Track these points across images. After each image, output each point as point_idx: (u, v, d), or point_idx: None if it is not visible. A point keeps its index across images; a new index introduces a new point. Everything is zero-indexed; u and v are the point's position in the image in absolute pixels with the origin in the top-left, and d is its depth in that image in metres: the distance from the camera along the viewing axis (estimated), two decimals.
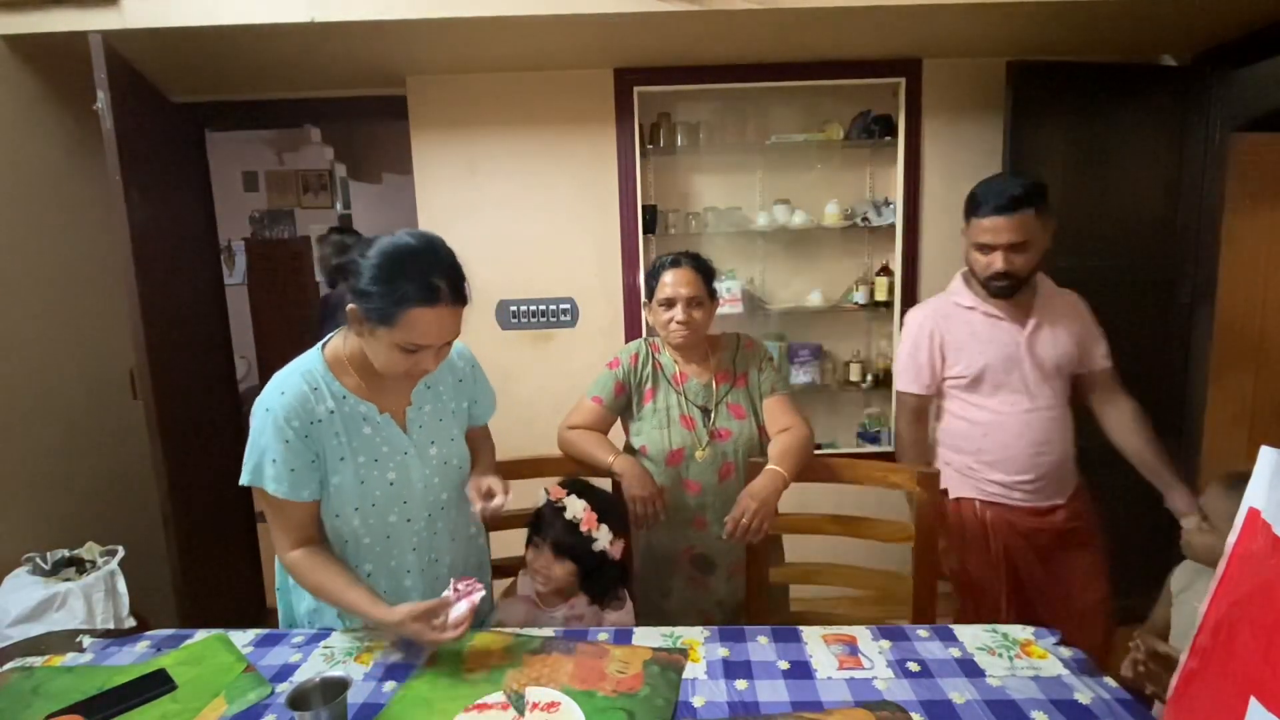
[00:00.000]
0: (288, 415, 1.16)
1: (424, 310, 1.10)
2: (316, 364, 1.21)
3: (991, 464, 1.70)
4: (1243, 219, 2.55)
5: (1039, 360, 1.66)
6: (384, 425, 1.24)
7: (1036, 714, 1.01)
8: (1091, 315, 1.74)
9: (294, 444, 1.16)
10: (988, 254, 1.61)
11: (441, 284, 1.11)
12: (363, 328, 1.15)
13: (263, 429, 1.16)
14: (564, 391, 1.78)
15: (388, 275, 1.10)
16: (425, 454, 1.28)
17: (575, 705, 1.02)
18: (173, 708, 1.06)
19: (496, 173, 2.63)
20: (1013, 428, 1.67)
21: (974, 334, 1.68)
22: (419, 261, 1.11)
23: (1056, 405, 1.69)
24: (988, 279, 1.63)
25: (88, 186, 2.26)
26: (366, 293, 1.10)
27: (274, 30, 2.01)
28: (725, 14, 2.01)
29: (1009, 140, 2.34)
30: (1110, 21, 2.19)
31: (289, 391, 1.17)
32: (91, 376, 2.27)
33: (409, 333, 1.11)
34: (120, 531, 2.11)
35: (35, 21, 1.96)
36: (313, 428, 1.18)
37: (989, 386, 1.68)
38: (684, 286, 1.62)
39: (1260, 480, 0.74)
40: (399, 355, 1.14)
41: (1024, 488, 1.69)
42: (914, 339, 1.75)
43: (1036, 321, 1.67)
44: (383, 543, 1.25)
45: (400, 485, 1.24)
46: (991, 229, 1.57)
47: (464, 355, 1.40)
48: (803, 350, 2.76)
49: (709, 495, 1.65)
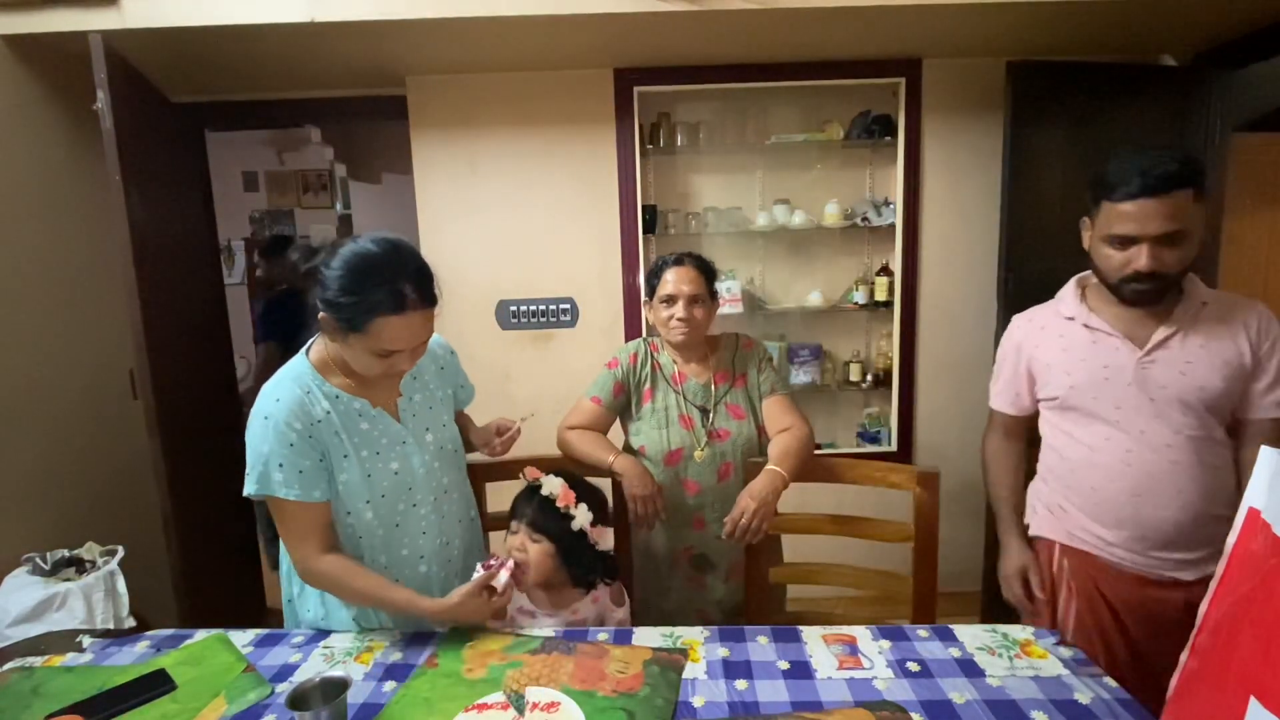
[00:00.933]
0: (288, 418, 1.17)
1: (393, 319, 1.11)
2: (305, 369, 1.23)
3: (1080, 507, 1.39)
4: (1243, 219, 2.55)
5: (1155, 388, 1.29)
6: (379, 419, 1.26)
7: (1036, 714, 1.01)
8: (1275, 341, 1.31)
9: (299, 445, 1.17)
10: (1127, 248, 1.25)
11: (408, 290, 1.11)
12: (335, 335, 1.17)
13: (264, 437, 1.16)
14: (564, 391, 1.79)
15: (354, 286, 1.10)
16: (422, 441, 1.31)
17: (575, 705, 1.02)
18: (173, 708, 1.06)
19: (496, 172, 2.63)
20: (1107, 467, 1.33)
21: (1066, 350, 1.38)
22: (384, 270, 1.11)
23: (1183, 449, 1.28)
24: (1124, 280, 1.27)
25: (87, 186, 2.26)
26: (335, 304, 1.11)
27: (274, 30, 2.01)
28: (725, 14, 2.01)
29: (1009, 140, 2.34)
30: (1110, 21, 2.19)
31: (284, 397, 1.18)
32: (91, 376, 2.27)
33: (380, 340, 1.13)
34: (120, 531, 2.11)
35: (35, 21, 1.96)
36: (314, 428, 1.19)
37: (1080, 414, 1.37)
38: (685, 284, 1.62)
39: (1260, 480, 0.74)
40: (374, 359, 1.16)
41: (1129, 546, 1.33)
42: (1002, 351, 1.53)
43: (1166, 338, 1.30)
44: (394, 532, 1.27)
45: (404, 474, 1.27)
46: (1137, 215, 1.22)
47: (441, 344, 1.44)
48: (803, 350, 2.77)
49: (708, 495, 1.65)
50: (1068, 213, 2.41)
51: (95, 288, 2.29)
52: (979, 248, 2.61)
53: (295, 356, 1.26)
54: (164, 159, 2.29)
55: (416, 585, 1.28)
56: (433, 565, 1.33)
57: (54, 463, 2.11)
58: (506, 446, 1.47)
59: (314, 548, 1.19)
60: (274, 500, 1.18)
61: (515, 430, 1.47)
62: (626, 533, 1.64)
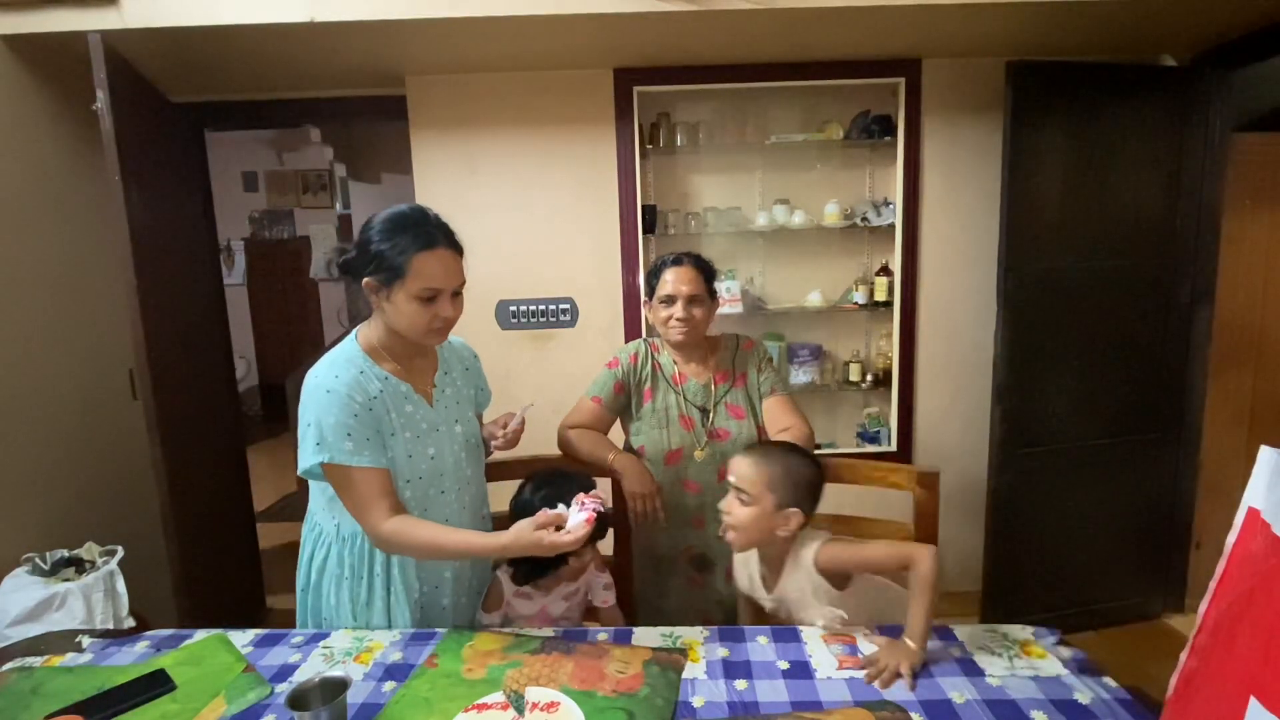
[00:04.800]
0: (350, 391, 1.22)
1: (427, 254, 1.23)
2: (355, 351, 1.29)
3: None
4: (1243, 219, 2.55)
5: None
6: (420, 404, 1.33)
7: (1036, 714, 1.01)
8: None
9: (362, 415, 1.23)
10: None
11: (436, 232, 1.25)
12: (380, 296, 1.25)
13: (328, 408, 1.21)
14: (563, 391, 1.79)
15: (390, 233, 1.23)
16: (453, 431, 1.37)
17: (575, 705, 1.02)
18: (172, 708, 1.06)
19: (496, 172, 2.63)
20: None
21: None
22: (412, 218, 1.26)
23: None
24: None
25: (87, 186, 2.26)
26: (376, 255, 1.22)
27: (274, 30, 2.01)
28: (725, 14, 2.01)
29: (1009, 140, 2.34)
30: (1110, 21, 2.19)
31: (342, 374, 1.24)
32: (91, 376, 2.27)
33: (419, 278, 1.22)
34: (120, 531, 2.11)
35: (34, 21, 1.95)
36: (372, 402, 1.25)
37: None
38: (685, 284, 1.62)
39: (1259, 480, 0.74)
40: (419, 308, 1.24)
41: None
42: None
43: None
44: (423, 516, 1.30)
45: (439, 460, 1.33)
46: None
47: (466, 346, 1.53)
48: (802, 350, 2.76)
49: (708, 495, 1.65)
50: (1068, 213, 2.45)
51: (95, 288, 2.29)
52: (979, 248, 2.61)
53: (344, 341, 1.32)
54: (164, 159, 2.29)
55: (435, 570, 1.35)
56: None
57: (53, 463, 2.11)
58: (513, 438, 1.48)
59: (383, 512, 1.22)
60: (339, 469, 1.21)
61: (519, 422, 1.48)
62: (627, 533, 1.65)
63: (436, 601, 1.36)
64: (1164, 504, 2.66)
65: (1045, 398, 2.48)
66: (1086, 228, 2.44)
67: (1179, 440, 2.63)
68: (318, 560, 1.33)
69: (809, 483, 1.30)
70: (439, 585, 1.36)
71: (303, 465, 1.23)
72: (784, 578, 1.31)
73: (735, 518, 1.28)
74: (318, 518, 1.34)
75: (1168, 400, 2.61)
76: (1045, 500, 2.53)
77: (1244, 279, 2.59)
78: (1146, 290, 2.54)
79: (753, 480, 1.27)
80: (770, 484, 1.26)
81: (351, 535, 1.29)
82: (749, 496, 1.26)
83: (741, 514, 1.27)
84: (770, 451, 1.34)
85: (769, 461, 1.29)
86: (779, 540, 1.28)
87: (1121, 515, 2.63)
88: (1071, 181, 2.42)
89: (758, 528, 1.27)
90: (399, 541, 1.23)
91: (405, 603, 1.32)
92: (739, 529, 1.28)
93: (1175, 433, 2.63)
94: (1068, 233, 2.43)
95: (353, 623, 1.32)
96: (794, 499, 1.26)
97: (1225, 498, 2.62)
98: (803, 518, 1.27)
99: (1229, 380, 2.64)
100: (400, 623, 1.32)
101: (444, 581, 1.37)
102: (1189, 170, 2.50)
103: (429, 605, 1.36)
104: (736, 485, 1.29)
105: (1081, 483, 2.56)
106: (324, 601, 1.33)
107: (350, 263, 1.27)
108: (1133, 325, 2.54)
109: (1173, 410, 2.62)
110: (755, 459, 1.30)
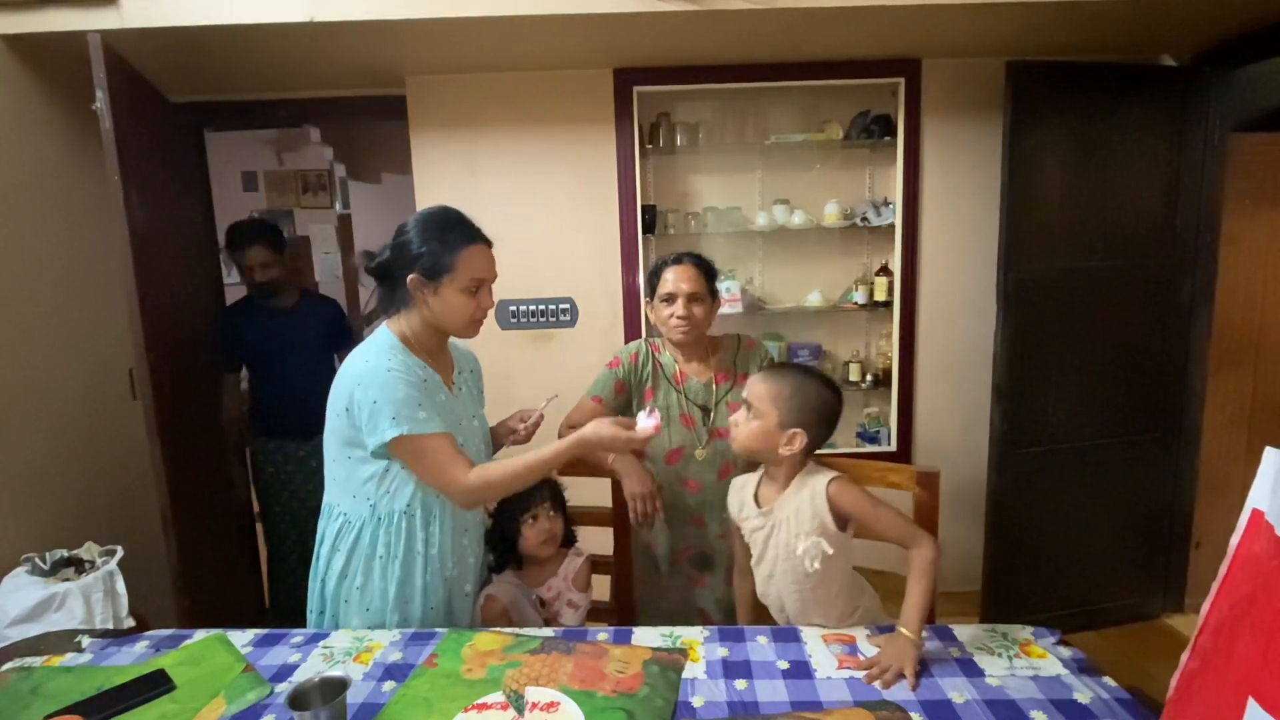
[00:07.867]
0: (406, 370, 1.28)
1: (474, 247, 1.32)
2: (393, 341, 1.33)
3: None
4: (1243, 219, 2.55)
5: None
6: (450, 395, 1.39)
7: (1036, 714, 1.01)
8: None
9: (423, 390, 1.29)
10: None
11: (477, 228, 1.36)
12: (426, 290, 1.31)
13: (394, 385, 1.25)
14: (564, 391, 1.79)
15: (437, 232, 1.31)
16: (472, 425, 1.44)
17: (575, 705, 1.02)
18: (172, 708, 1.06)
19: (496, 173, 2.63)
20: None
21: None
22: (452, 216, 1.35)
23: None
24: None
25: (87, 186, 2.25)
26: (421, 254, 1.29)
27: (273, 30, 2.01)
28: (725, 14, 2.01)
29: (1009, 140, 2.34)
30: (1110, 21, 2.19)
31: (393, 358, 1.29)
32: (91, 376, 2.27)
33: (469, 270, 1.30)
34: (120, 531, 2.11)
35: (34, 21, 1.95)
36: (423, 384, 1.30)
37: None
38: (685, 282, 1.62)
39: (1264, 481, 0.73)
40: (465, 300, 1.31)
41: None
42: None
43: None
44: (443, 500, 1.34)
45: (465, 449, 1.35)
46: None
47: (470, 351, 1.57)
48: (802, 350, 2.76)
49: (708, 494, 1.65)
50: (1067, 213, 2.45)
51: (95, 288, 2.29)
52: (978, 247, 2.61)
53: (378, 332, 1.36)
54: (163, 159, 2.29)
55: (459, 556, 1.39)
56: (473, 540, 1.43)
57: (53, 463, 2.10)
58: (531, 432, 1.54)
59: (463, 467, 1.28)
60: (413, 440, 1.25)
61: (539, 415, 1.54)
62: (626, 532, 1.64)
63: (460, 588, 1.41)
64: (1163, 504, 2.67)
65: (1045, 398, 2.48)
66: (1086, 228, 2.44)
67: (1178, 440, 2.63)
68: (344, 546, 1.33)
69: (817, 407, 1.30)
70: (463, 572, 1.41)
71: (376, 442, 1.25)
72: (785, 496, 1.31)
73: (739, 428, 1.31)
74: (342, 507, 1.35)
75: (1167, 400, 2.61)
76: (1045, 500, 2.53)
77: (1244, 279, 2.59)
78: (1146, 290, 2.54)
79: (760, 395, 1.29)
80: (775, 400, 1.27)
81: (388, 514, 1.32)
82: (754, 410, 1.28)
83: (745, 427, 1.30)
84: (785, 370, 1.37)
85: (780, 379, 1.30)
86: (785, 460, 1.29)
87: (1121, 515, 2.63)
88: (1071, 181, 2.42)
89: (758, 441, 1.28)
90: (485, 482, 1.28)
91: (440, 579, 1.36)
92: (739, 439, 1.31)
93: (1175, 433, 2.63)
94: (1067, 233, 2.43)
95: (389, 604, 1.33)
96: (799, 420, 1.27)
97: (1225, 498, 2.63)
98: (806, 439, 1.27)
99: (1229, 380, 2.64)
100: (434, 599, 1.36)
101: (468, 568, 1.42)
102: (1189, 170, 2.50)
103: (454, 589, 1.40)
104: (745, 398, 1.31)
105: (1081, 482, 2.56)
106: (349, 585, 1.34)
107: (386, 264, 1.33)
108: (1132, 325, 2.54)
109: (1172, 410, 2.62)
110: (768, 374, 1.33)
